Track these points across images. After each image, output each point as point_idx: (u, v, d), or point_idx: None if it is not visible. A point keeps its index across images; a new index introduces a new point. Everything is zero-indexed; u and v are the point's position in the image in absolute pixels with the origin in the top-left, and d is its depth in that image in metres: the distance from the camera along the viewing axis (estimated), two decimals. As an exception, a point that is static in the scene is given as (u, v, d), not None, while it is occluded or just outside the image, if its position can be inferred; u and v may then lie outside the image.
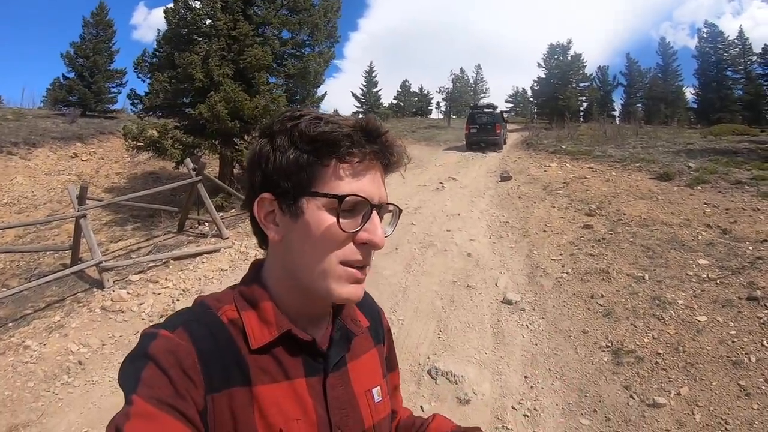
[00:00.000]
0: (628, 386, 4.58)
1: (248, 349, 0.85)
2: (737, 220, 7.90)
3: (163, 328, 0.81)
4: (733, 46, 42.41)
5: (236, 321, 0.87)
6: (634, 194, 10.24)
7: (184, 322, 0.83)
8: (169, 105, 14.02)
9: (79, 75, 23.87)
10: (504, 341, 5.55)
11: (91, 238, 8.25)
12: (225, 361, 0.82)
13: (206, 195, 10.50)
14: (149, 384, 0.73)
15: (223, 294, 0.94)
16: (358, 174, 0.85)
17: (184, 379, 0.76)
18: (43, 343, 6.14)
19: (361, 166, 0.86)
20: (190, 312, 0.88)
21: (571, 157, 15.19)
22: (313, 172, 0.84)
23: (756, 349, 4.72)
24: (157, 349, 0.77)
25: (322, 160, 0.84)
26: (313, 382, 0.90)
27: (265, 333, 0.87)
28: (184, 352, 0.78)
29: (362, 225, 0.85)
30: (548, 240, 8.45)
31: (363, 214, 0.85)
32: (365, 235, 0.85)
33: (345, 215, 0.84)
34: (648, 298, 5.97)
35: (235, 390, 0.81)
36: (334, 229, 0.83)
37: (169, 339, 0.79)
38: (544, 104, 42.27)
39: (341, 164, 0.84)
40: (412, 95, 62.58)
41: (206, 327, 0.84)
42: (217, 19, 13.09)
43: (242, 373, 0.83)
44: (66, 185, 13.50)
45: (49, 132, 17.83)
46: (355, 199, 0.84)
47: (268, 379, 0.85)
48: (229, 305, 0.89)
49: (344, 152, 0.84)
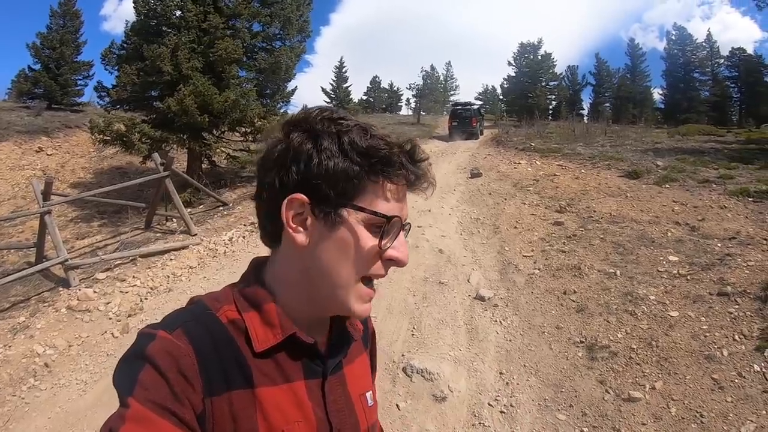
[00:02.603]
0: (603, 381, 4.62)
1: (250, 351, 0.84)
2: (705, 217, 8.03)
3: (162, 328, 0.80)
4: (701, 48, 43.60)
5: (237, 322, 0.85)
6: (603, 192, 10.35)
7: (183, 323, 0.81)
8: (136, 98, 13.84)
9: (45, 67, 23.34)
10: (478, 338, 5.56)
11: (56, 235, 8.09)
12: (225, 363, 0.81)
13: (174, 190, 10.36)
14: (146, 386, 0.72)
15: (221, 293, 0.91)
16: (401, 197, 0.87)
17: (183, 382, 0.74)
18: (7, 345, 5.99)
19: (403, 189, 0.87)
20: (188, 312, 0.87)
21: (541, 155, 15.28)
22: (360, 185, 0.83)
23: (728, 344, 4.79)
24: (156, 351, 0.75)
25: (371, 176, 0.83)
26: (312, 384, 0.90)
27: (270, 336, 0.85)
28: (183, 354, 0.76)
29: (392, 243, 0.85)
30: (519, 236, 8.49)
31: (394, 233, 0.86)
32: (395, 253, 0.86)
33: (378, 231, 0.84)
34: (620, 294, 6.03)
35: (236, 392, 0.80)
36: (372, 246, 0.84)
37: (167, 340, 0.77)
38: (513, 102, 42.96)
39: (389, 184, 0.84)
40: (382, 91, 62.83)
41: (205, 328, 0.82)
42: (187, 11, 12.93)
43: (243, 374, 0.82)
44: (30, 180, 13.22)
45: (13, 125, 17.50)
46: (397, 220, 0.85)
47: (269, 381, 0.84)
48: (229, 305, 0.87)
49: (394, 173, 0.84)
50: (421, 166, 0.87)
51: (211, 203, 12.52)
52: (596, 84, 50.62)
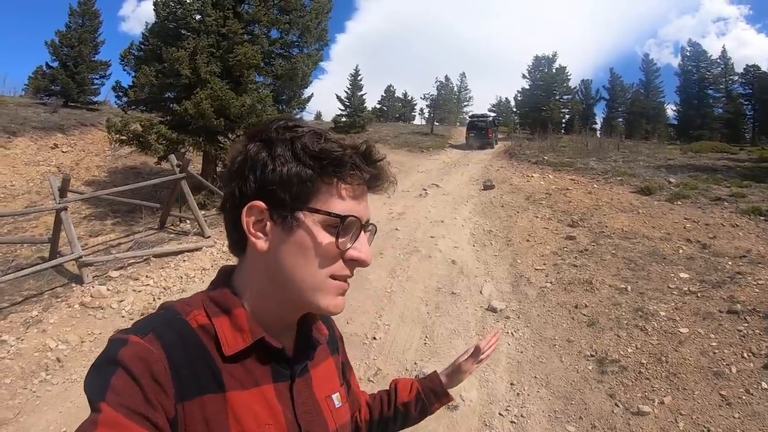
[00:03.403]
0: (612, 394, 4.64)
1: (220, 356, 0.84)
2: (716, 235, 8.04)
3: (133, 333, 0.79)
4: (716, 65, 43.10)
5: (207, 327, 0.86)
6: (615, 207, 10.36)
7: (154, 328, 0.81)
8: (153, 99, 13.83)
9: (63, 64, 23.43)
10: (490, 348, 5.56)
11: (71, 231, 8.12)
12: (196, 367, 0.81)
13: (189, 192, 10.39)
14: (118, 392, 0.72)
15: (192, 299, 0.92)
16: (357, 196, 0.88)
17: (155, 387, 0.75)
18: (20, 338, 6.02)
19: (359, 189, 0.88)
20: (158, 317, 0.86)
21: (554, 168, 15.29)
22: (314, 188, 0.85)
23: (736, 361, 4.82)
24: (128, 356, 0.75)
25: (324, 178, 0.85)
26: (281, 387, 0.91)
27: (239, 340, 0.86)
28: (156, 359, 0.76)
29: (353, 243, 0.87)
30: (531, 250, 8.51)
31: (353, 233, 0.88)
32: (355, 253, 0.88)
33: (340, 234, 0.85)
34: (631, 309, 6.05)
35: (208, 397, 0.81)
36: (331, 246, 0.85)
37: (139, 345, 0.77)
38: (527, 115, 42.59)
39: (343, 185, 0.86)
40: (396, 100, 62.62)
41: (176, 333, 0.83)
42: (207, 15, 12.98)
43: (215, 379, 0.83)
44: (45, 176, 13.30)
45: (29, 121, 17.50)
46: (353, 219, 0.86)
47: (239, 385, 0.85)
48: (199, 310, 0.88)
49: (347, 173, 0.85)
50: (377, 166, 0.90)
51: (224, 206, 12.54)
52: (610, 98, 50.20)
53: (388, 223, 10.15)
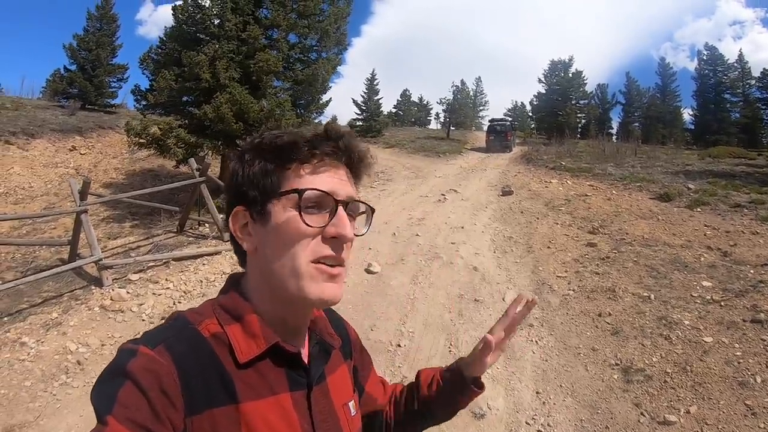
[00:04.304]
0: (638, 404, 4.59)
1: (234, 364, 0.84)
2: (737, 243, 7.96)
3: (143, 344, 0.79)
4: (733, 69, 42.86)
5: (220, 335, 0.86)
6: (635, 214, 10.29)
7: (165, 339, 0.81)
8: (173, 103, 13.95)
9: (81, 68, 23.77)
10: (514, 356, 5.55)
11: (91, 234, 8.17)
12: (207, 379, 0.80)
13: (209, 196, 10.45)
14: (126, 405, 0.71)
15: (202, 307, 0.92)
16: (317, 171, 0.89)
17: (164, 400, 0.73)
18: (40, 340, 6.05)
19: (321, 165, 0.89)
20: (169, 328, 0.86)
21: (572, 174, 15.21)
22: (277, 176, 0.88)
23: (761, 370, 4.76)
24: (136, 368, 0.74)
25: (286, 164, 0.88)
26: (297, 396, 0.90)
27: (252, 346, 0.86)
28: (165, 371, 0.76)
29: (330, 220, 0.87)
30: (553, 257, 8.46)
31: (330, 210, 0.87)
32: (333, 230, 0.86)
33: (310, 211, 0.86)
34: (655, 318, 6.00)
35: (219, 410, 0.79)
36: (300, 225, 0.85)
37: (149, 357, 0.76)
38: (543, 119, 42.50)
39: (303, 165, 0.88)
40: (412, 105, 62.84)
41: (187, 344, 0.82)
42: (226, 20, 13.04)
43: (227, 390, 0.81)
44: (63, 178, 13.48)
45: (48, 123, 17.73)
46: (316, 192, 0.86)
47: (254, 394, 0.84)
48: (210, 319, 0.88)
49: (305, 154, 0.88)
50: (339, 142, 0.92)
51: (243, 210, 12.59)
52: (626, 103, 50.06)
53: (409, 229, 10.13)
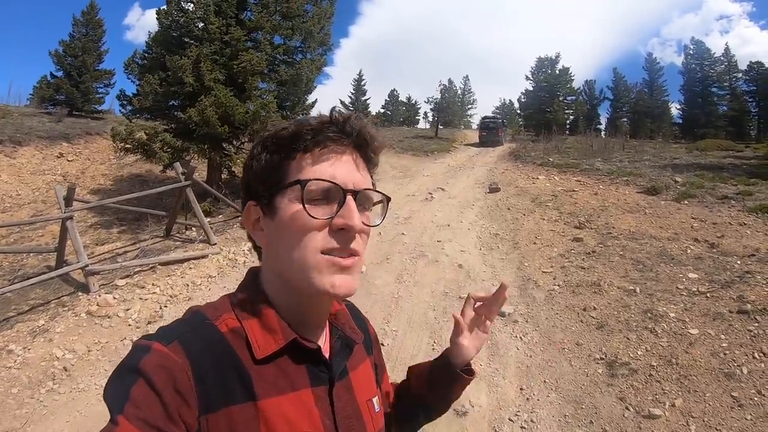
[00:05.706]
0: (623, 398, 4.60)
1: (252, 360, 0.81)
2: (724, 234, 7.98)
3: (157, 340, 0.77)
4: (719, 63, 43.24)
5: (238, 330, 0.84)
6: (622, 208, 10.30)
7: (180, 335, 0.78)
8: (158, 107, 13.86)
9: (67, 74, 23.63)
10: (498, 353, 5.55)
11: (77, 240, 8.14)
12: (224, 376, 0.78)
13: (195, 200, 10.39)
14: (138, 404, 0.69)
15: (219, 302, 0.90)
16: (321, 160, 0.85)
17: (177, 399, 0.72)
18: (27, 347, 6.03)
19: (325, 152, 0.85)
20: (185, 323, 0.84)
21: (559, 170, 15.24)
22: (284, 170, 0.85)
23: (747, 361, 4.76)
24: (150, 365, 0.72)
25: (289, 156, 0.85)
26: (319, 392, 0.87)
27: (271, 342, 0.83)
28: (179, 369, 0.74)
29: (337, 211, 0.83)
30: (539, 252, 8.47)
31: (338, 201, 0.84)
32: (340, 221, 0.83)
33: (317, 203, 0.83)
34: (640, 311, 6.00)
35: (236, 407, 0.77)
36: (305, 217, 0.82)
37: (163, 354, 0.74)
38: (531, 116, 42.47)
39: (306, 155, 0.85)
40: (400, 104, 62.91)
41: (203, 340, 0.80)
42: (209, 23, 12.98)
43: (245, 387, 0.79)
44: (51, 185, 13.39)
45: (35, 130, 17.64)
46: (320, 183, 0.83)
47: (274, 391, 0.81)
48: (228, 313, 0.86)
49: (309, 144, 0.85)
50: (345, 127, 0.87)
51: (230, 213, 12.54)
52: (614, 98, 50.20)
53: (394, 228, 10.14)
